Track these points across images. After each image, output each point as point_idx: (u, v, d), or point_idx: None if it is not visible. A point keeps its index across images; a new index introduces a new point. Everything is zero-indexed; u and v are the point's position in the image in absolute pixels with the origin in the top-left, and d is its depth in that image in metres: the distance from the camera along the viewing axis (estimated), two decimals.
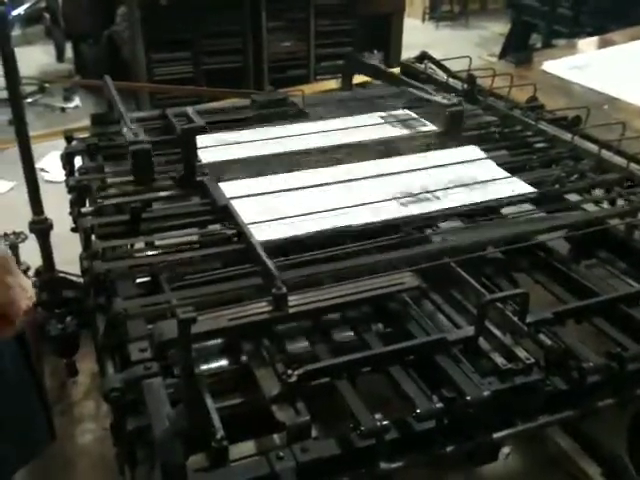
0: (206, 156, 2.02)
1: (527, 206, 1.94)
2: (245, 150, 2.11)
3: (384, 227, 1.76)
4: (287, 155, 2.10)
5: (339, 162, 2.08)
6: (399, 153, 2.15)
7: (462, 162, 2.06)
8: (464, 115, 2.25)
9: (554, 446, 2.33)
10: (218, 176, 1.92)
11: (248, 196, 1.84)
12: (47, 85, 6.32)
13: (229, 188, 1.85)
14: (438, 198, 1.89)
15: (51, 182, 3.93)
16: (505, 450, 2.25)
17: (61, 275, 2.61)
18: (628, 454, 2.02)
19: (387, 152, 2.16)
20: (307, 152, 2.12)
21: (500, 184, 1.96)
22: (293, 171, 2.01)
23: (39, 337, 2.54)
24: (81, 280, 2.62)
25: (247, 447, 1.34)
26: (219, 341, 1.49)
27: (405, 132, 2.33)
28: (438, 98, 2.36)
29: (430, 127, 2.34)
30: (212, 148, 2.10)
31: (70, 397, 2.56)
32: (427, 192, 1.90)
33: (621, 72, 3.25)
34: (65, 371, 2.50)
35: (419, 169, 2.02)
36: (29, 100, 5.81)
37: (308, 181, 1.94)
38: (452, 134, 2.24)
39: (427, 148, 2.20)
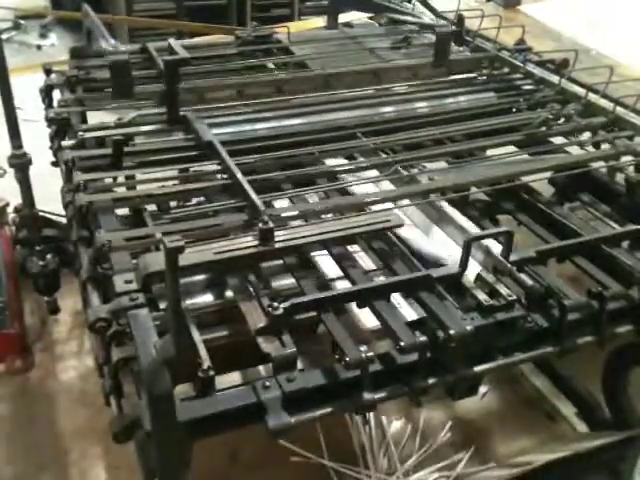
0: None
1: (512, 148, 1.94)
2: None
3: None
4: None
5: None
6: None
7: None
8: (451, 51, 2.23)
9: (530, 386, 2.39)
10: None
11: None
12: (22, 21, 6.11)
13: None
14: None
15: (27, 121, 3.84)
16: (482, 389, 2.30)
17: (41, 214, 2.58)
18: (603, 392, 2.08)
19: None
20: None
21: None
22: None
23: (19, 274, 2.53)
24: (61, 219, 2.60)
25: (233, 378, 1.35)
26: (204, 276, 1.50)
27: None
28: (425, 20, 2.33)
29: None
30: None
31: (51, 334, 2.55)
32: None
33: (601, 20, 3.22)
34: (46, 309, 2.49)
35: None
36: (4, 37, 5.62)
37: None
38: (440, 61, 2.21)
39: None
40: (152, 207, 1.68)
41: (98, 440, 2.13)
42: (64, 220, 2.56)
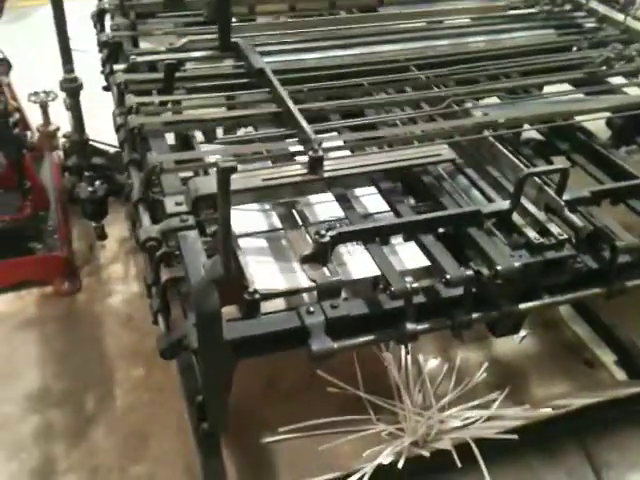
0: None
1: (567, 86, 1.88)
2: None
3: None
4: None
5: None
6: None
7: None
8: None
9: (570, 333, 2.38)
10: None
11: None
12: None
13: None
14: None
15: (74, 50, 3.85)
16: (521, 333, 2.29)
17: (90, 143, 2.60)
18: None
19: None
20: None
21: None
22: None
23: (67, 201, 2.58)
24: (109, 149, 2.63)
25: (277, 304, 1.37)
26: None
27: None
28: None
29: None
30: None
31: (98, 260, 2.61)
32: None
33: None
34: (94, 235, 2.54)
35: None
36: None
37: None
38: None
39: None
40: (200, 137, 1.69)
41: (142, 363, 2.20)
42: (111, 150, 2.60)
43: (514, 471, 1.93)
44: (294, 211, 1.49)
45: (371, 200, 1.54)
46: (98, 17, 2.08)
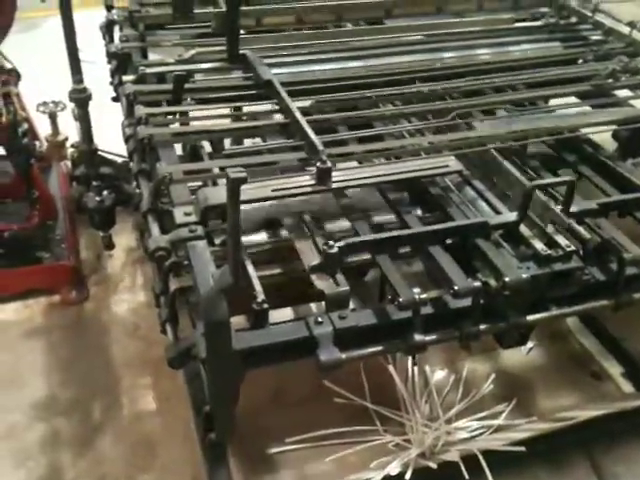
0: None
1: (573, 99, 1.88)
2: None
3: None
4: None
5: None
6: None
7: None
8: None
9: (578, 345, 2.37)
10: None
11: None
12: None
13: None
14: None
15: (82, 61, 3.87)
16: (528, 345, 2.29)
17: (98, 153, 2.61)
18: None
19: None
20: None
21: None
22: None
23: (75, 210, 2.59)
24: (117, 159, 2.64)
25: (286, 313, 1.37)
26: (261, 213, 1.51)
27: None
28: None
29: None
30: None
31: (106, 269, 2.62)
32: None
33: None
34: (101, 244, 2.54)
35: None
36: None
37: None
38: None
39: None
40: (208, 148, 1.70)
41: (149, 371, 2.20)
42: (119, 160, 2.62)
43: None
44: (303, 221, 1.50)
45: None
46: (107, 28, 2.10)
